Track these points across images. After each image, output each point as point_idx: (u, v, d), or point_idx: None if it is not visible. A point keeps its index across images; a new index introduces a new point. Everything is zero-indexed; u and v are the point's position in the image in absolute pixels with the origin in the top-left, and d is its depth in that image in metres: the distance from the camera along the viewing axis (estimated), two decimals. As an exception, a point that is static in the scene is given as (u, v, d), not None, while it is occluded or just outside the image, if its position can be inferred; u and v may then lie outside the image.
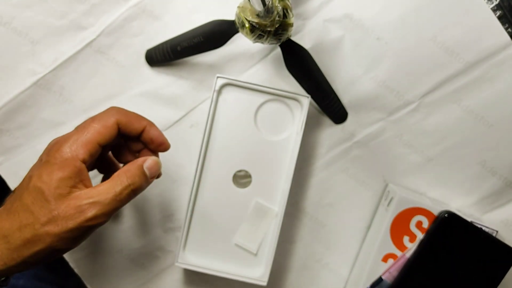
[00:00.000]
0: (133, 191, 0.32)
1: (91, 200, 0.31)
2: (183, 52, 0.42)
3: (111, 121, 0.34)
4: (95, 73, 0.44)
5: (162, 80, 0.45)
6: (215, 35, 0.40)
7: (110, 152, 0.39)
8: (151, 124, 0.36)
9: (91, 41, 0.44)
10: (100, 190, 0.31)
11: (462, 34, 0.42)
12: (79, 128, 0.33)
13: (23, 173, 0.44)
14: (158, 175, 0.36)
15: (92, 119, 0.34)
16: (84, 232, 0.31)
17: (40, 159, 0.33)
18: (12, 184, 0.45)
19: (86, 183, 0.32)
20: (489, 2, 0.42)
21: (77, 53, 0.44)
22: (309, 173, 0.44)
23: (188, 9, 0.44)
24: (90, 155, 0.32)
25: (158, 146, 0.36)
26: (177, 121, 0.45)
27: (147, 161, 0.34)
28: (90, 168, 0.34)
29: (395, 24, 0.43)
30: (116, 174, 0.33)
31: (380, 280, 0.40)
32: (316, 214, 0.45)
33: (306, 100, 0.40)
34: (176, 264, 0.40)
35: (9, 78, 0.44)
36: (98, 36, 0.44)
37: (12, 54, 0.44)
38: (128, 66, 0.45)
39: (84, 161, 0.32)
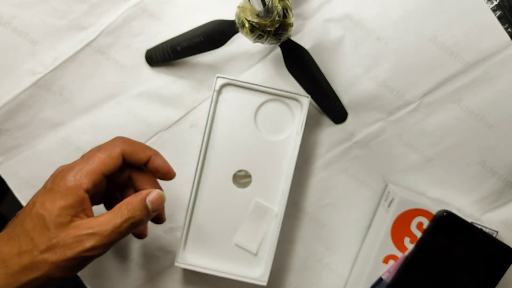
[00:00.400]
0: (133, 224, 0.32)
1: (90, 231, 0.31)
2: (183, 52, 0.42)
3: (116, 151, 0.34)
4: (95, 73, 0.45)
5: (162, 80, 0.45)
6: (215, 35, 0.40)
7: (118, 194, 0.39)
8: (156, 153, 0.36)
9: (91, 41, 0.44)
10: (100, 221, 0.31)
11: (462, 34, 0.42)
12: (84, 158, 0.34)
13: (22, 173, 0.45)
14: (161, 221, 0.36)
15: (98, 149, 0.34)
16: (81, 262, 0.31)
17: (45, 186, 0.33)
18: (12, 184, 0.45)
19: (88, 213, 0.32)
20: (489, 2, 0.42)
21: (77, 53, 0.44)
22: (309, 173, 0.44)
23: (188, 9, 0.44)
24: (93, 184, 0.32)
25: (164, 175, 0.37)
26: (177, 121, 0.45)
27: (151, 194, 0.34)
28: (95, 201, 0.34)
29: (395, 24, 0.43)
30: (118, 205, 0.33)
31: (380, 280, 0.40)
32: (316, 214, 0.45)
33: (306, 100, 0.40)
34: (176, 264, 0.40)
35: (9, 78, 0.44)
36: (98, 36, 0.44)
37: (12, 54, 0.44)
38: (128, 66, 0.45)
39: (87, 191, 0.32)
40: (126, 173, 0.36)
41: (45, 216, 0.31)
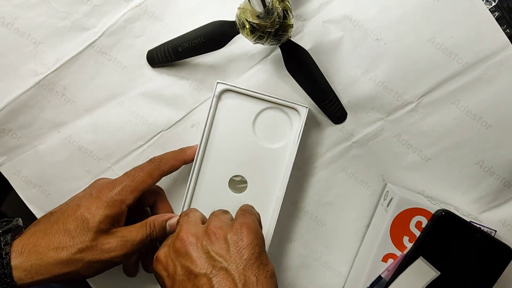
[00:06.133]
0: (152, 240, 0.37)
1: (124, 239, 0.35)
2: (184, 53, 0.43)
3: (156, 173, 0.39)
4: (97, 73, 0.45)
5: (163, 80, 0.45)
6: (216, 36, 0.40)
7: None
8: (183, 149, 0.42)
9: (93, 42, 0.44)
10: (131, 231, 0.36)
11: (461, 35, 0.42)
12: (129, 175, 0.38)
13: (25, 173, 0.45)
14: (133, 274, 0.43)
15: (141, 169, 0.39)
16: (108, 266, 0.36)
17: (90, 193, 0.37)
18: (15, 183, 0.45)
19: (121, 224, 0.37)
20: (487, 3, 0.43)
21: (79, 54, 0.45)
22: (309, 172, 0.45)
23: (189, 10, 0.44)
24: (134, 200, 0.37)
25: (191, 159, 0.42)
26: (178, 121, 0.45)
27: (172, 219, 0.39)
28: None
29: (394, 25, 0.43)
30: (144, 221, 0.38)
31: (379, 278, 0.40)
32: (316, 213, 0.45)
33: (304, 110, 0.41)
34: None
35: (11, 79, 0.45)
36: (100, 37, 0.44)
37: (15, 54, 0.45)
38: (130, 66, 0.45)
39: (128, 206, 0.37)
40: (153, 199, 0.42)
41: (89, 220, 0.34)
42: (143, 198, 0.39)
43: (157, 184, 0.41)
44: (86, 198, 0.36)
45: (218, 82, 0.40)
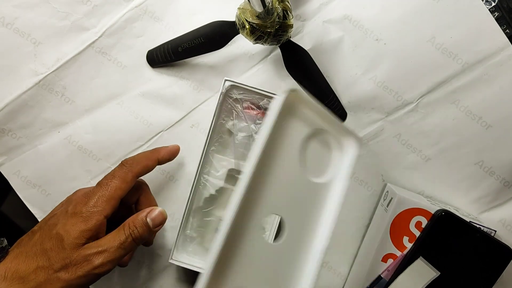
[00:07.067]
0: (134, 240, 0.35)
1: (99, 249, 0.34)
2: (184, 53, 0.43)
3: (129, 176, 0.37)
4: (97, 73, 0.45)
5: (163, 80, 0.45)
6: (215, 36, 0.40)
7: None
8: (157, 149, 0.40)
9: (93, 42, 0.44)
10: (108, 239, 0.35)
11: (460, 35, 0.42)
12: (102, 185, 0.36)
13: (25, 173, 0.45)
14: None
15: (112, 176, 0.37)
16: (91, 279, 0.34)
17: (66, 210, 0.36)
18: (14, 183, 0.45)
19: (101, 235, 0.35)
20: (487, 4, 0.43)
21: (79, 54, 0.45)
22: (309, 173, 0.45)
23: (189, 10, 0.44)
24: (112, 209, 0.36)
25: (173, 155, 0.41)
26: (178, 121, 0.45)
27: (152, 212, 0.37)
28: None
29: (394, 25, 0.43)
30: (122, 224, 0.36)
31: (379, 278, 0.40)
32: (316, 213, 0.45)
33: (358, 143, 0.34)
34: (170, 261, 0.40)
35: (11, 79, 0.45)
36: (100, 37, 0.44)
37: (15, 54, 0.45)
38: (130, 66, 0.45)
39: (106, 216, 0.35)
40: (135, 196, 0.41)
41: (64, 237, 0.34)
42: (125, 198, 0.37)
43: (140, 178, 0.40)
44: (62, 215, 0.35)
45: (225, 79, 0.39)
